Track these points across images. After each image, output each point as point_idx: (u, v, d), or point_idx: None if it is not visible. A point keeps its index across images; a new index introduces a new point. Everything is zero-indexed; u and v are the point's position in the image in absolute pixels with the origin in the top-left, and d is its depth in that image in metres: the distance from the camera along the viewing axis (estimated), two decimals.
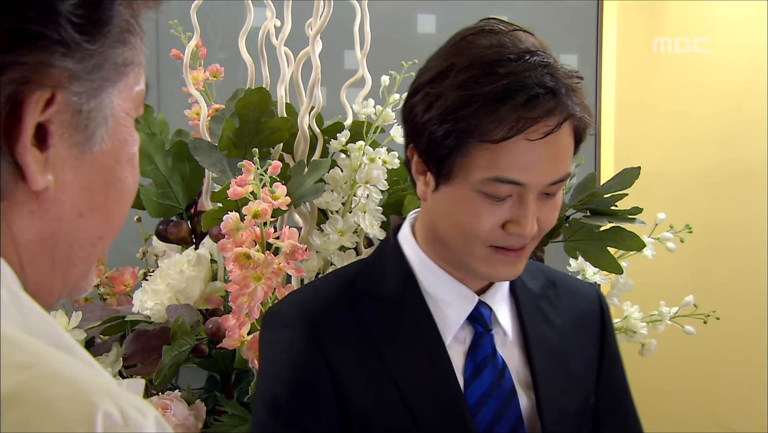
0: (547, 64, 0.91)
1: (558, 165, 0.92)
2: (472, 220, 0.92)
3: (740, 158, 2.16)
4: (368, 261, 1.07)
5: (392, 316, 0.99)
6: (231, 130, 1.29)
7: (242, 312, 1.15)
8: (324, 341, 0.96)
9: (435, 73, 0.93)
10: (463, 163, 0.91)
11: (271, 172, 1.09)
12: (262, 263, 1.14)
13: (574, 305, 1.11)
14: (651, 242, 1.51)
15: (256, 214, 1.08)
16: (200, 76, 1.47)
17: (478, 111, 0.88)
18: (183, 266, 1.31)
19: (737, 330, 2.14)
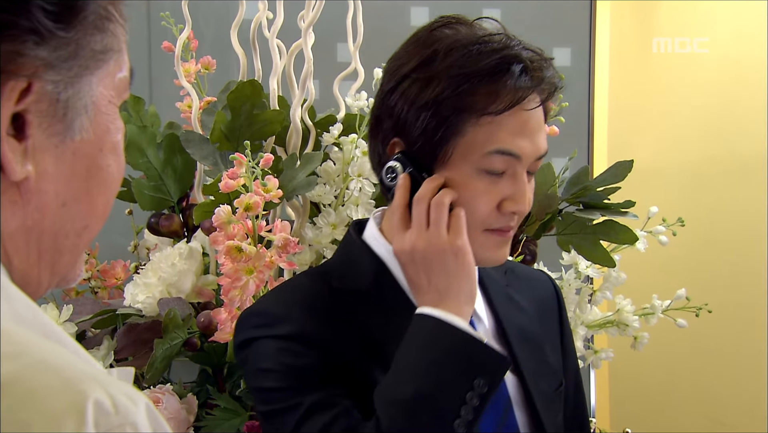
0: (520, 42, 0.95)
1: (543, 138, 0.96)
2: (471, 202, 0.93)
3: (734, 152, 2.17)
4: (334, 262, 1.05)
5: (374, 308, 0.98)
6: (223, 123, 1.28)
7: (234, 305, 1.15)
8: (320, 327, 0.94)
9: (419, 60, 0.94)
10: (460, 143, 0.92)
11: (263, 165, 1.08)
12: (254, 256, 1.13)
13: (533, 291, 1.14)
14: (644, 236, 1.50)
15: (247, 207, 1.08)
16: (192, 68, 1.46)
17: (477, 86, 0.91)
18: (175, 259, 1.31)
19: (733, 324, 2.15)
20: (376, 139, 0.99)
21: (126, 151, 1.35)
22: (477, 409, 0.86)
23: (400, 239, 0.94)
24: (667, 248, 1.55)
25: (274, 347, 0.93)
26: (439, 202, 0.92)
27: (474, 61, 0.91)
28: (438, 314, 0.90)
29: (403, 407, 0.86)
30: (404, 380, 0.88)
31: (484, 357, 0.89)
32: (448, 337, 0.89)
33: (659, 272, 2.20)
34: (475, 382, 0.86)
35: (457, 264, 0.92)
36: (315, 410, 0.90)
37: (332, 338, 0.93)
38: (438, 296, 0.91)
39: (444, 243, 0.92)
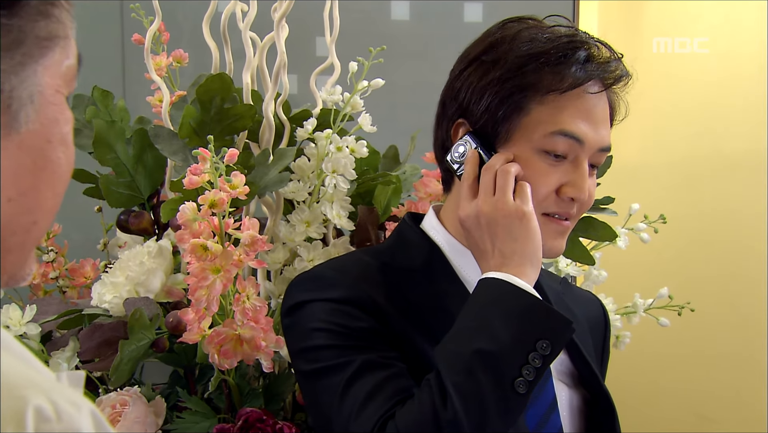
0: (589, 35, 0.99)
1: (606, 129, 0.99)
2: (530, 182, 0.95)
3: (734, 151, 2.17)
4: (387, 244, 1.09)
5: (424, 285, 1.00)
6: (192, 118, 1.25)
7: (200, 305, 1.12)
8: (373, 295, 0.95)
9: (486, 45, 0.99)
10: (523, 122, 0.96)
11: (227, 160, 1.05)
12: (221, 255, 1.10)
13: (585, 308, 1.17)
14: (625, 233, 1.48)
15: (212, 204, 1.05)
16: (163, 61, 1.43)
17: (542, 66, 0.95)
18: (143, 257, 1.27)
19: (721, 322, 2.16)
20: (440, 126, 1.03)
21: (94, 146, 1.34)
22: (539, 370, 0.86)
23: (467, 206, 0.97)
24: (655, 246, 1.54)
25: (327, 308, 0.94)
26: (505, 170, 0.95)
27: (540, 45, 0.96)
28: (502, 276, 0.91)
29: (464, 362, 0.85)
30: (466, 338, 0.88)
31: (547, 319, 0.89)
32: (511, 298, 0.89)
33: (646, 270, 2.20)
34: (538, 343, 0.86)
35: (521, 228, 0.93)
36: (368, 369, 0.90)
37: (384, 307, 0.95)
38: (503, 260, 0.92)
39: (510, 208, 0.93)
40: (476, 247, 0.96)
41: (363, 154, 1.37)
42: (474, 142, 0.99)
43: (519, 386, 0.85)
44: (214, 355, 1.16)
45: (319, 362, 0.92)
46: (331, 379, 0.91)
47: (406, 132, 1.59)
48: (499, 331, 0.87)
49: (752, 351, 2.12)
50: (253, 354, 1.17)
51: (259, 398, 1.30)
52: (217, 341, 1.15)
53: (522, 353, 0.86)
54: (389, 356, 0.91)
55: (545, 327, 0.88)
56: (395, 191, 1.56)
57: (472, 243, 0.97)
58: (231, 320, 1.17)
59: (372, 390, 0.88)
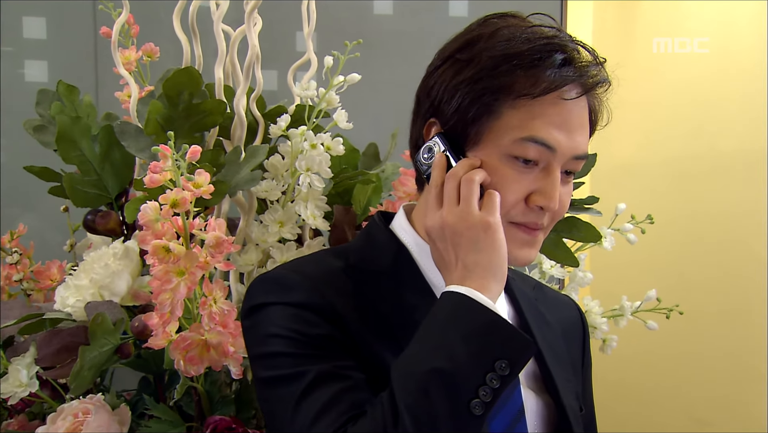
0: (572, 37, 0.94)
1: (583, 136, 0.94)
2: (498, 188, 0.91)
3: (720, 150, 2.16)
4: (355, 244, 1.04)
5: (390, 288, 0.96)
6: (158, 113, 1.20)
7: (165, 309, 1.06)
8: (335, 300, 0.91)
9: (463, 42, 0.94)
10: (494, 125, 0.91)
11: (190, 157, 1.00)
12: (185, 257, 1.05)
13: (559, 312, 1.12)
14: (610, 233, 1.43)
15: (174, 204, 0.99)
16: (132, 55, 1.37)
17: (516, 68, 0.90)
18: (108, 259, 1.22)
19: (715, 324, 2.14)
20: (415, 124, 1.00)
21: (57, 143, 1.28)
22: (497, 391, 0.82)
23: (432, 215, 0.93)
24: (651, 246, 1.51)
25: (286, 313, 0.90)
26: (469, 179, 0.91)
27: (516, 45, 0.91)
28: (463, 290, 0.87)
29: (418, 381, 0.81)
30: (423, 355, 0.83)
31: (507, 338, 0.84)
32: (471, 314, 0.85)
33: (642, 270, 2.18)
34: (496, 364, 0.82)
35: (486, 240, 0.89)
36: (323, 381, 0.86)
37: (345, 312, 0.91)
38: (465, 272, 0.88)
39: (474, 218, 0.89)
40: (441, 258, 0.92)
41: (339, 151, 1.32)
42: (443, 145, 0.95)
43: (475, 408, 0.81)
44: (179, 361, 1.11)
45: (275, 369, 0.88)
46: (286, 389, 0.87)
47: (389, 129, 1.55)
48: (456, 349, 0.82)
49: (748, 353, 2.09)
50: (220, 360, 1.12)
51: (231, 405, 1.25)
52: (183, 347, 1.10)
53: (479, 374, 0.81)
54: (346, 366, 0.87)
55: (505, 347, 0.83)
56: (375, 190, 1.51)
57: (438, 256, 0.92)
58: (198, 325, 1.12)
59: (326, 404, 0.84)
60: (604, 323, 1.51)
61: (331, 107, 1.33)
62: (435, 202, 0.93)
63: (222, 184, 1.23)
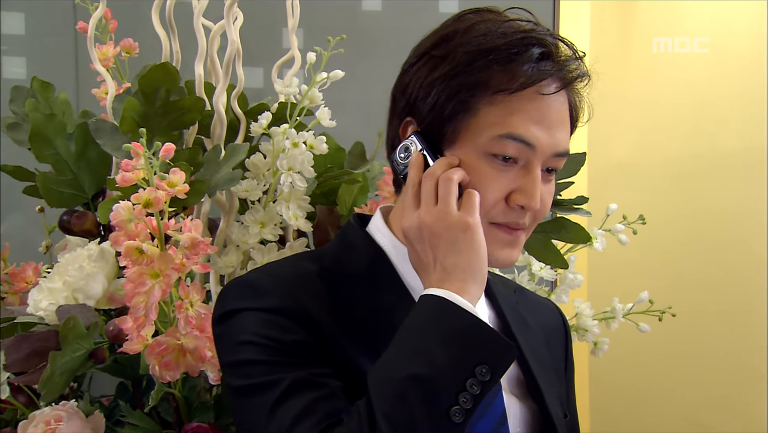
0: (550, 31, 0.91)
1: (563, 133, 0.91)
2: (477, 188, 0.88)
3: (720, 150, 2.17)
4: (330, 246, 1.00)
5: (366, 292, 0.93)
6: (134, 111, 1.16)
7: (138, 313, 1.03)
8: (309, 305, 0.88)
9: (438, 38, 0.92)
10: (471, 123, 0.88)
11: (163, 155, 0.96)
12: (159, 258, 1.01)
13: (541, 316, 1.09)
14: (601, 234, 1.40)
15: (147, 204, 0.96)
16: (110, 51, 1.34)
17: (492, 63, 0.87)
18: (83, 261, 1.19)
19: (712, 325, 2.13)
20: (391, 123, 0.97)
21: (30, 141, 1.24)
22: (477, 398, 0.79)
23: (409, 216, 0.90)
24: (647, 247, 1.48)
25: (258, 319, 0.87)
26: (447, 178, 0.88)
27: (492, 39, 0.88)
28: (442, 293, 0.83)
29: (396, 388, 0.78)
30: (400, 361, 0.80)
31: (488, 342, 0.81)
32: (450, 317, 0.82)
33: (638, 271, 2.17)
34: (477, 369, 0.79)
35: (465, 241, 0.85)
36: (297, 389, 0.83)
37: (320, 317, 0.88)
38: (444, 274, 0.85)
39: (452, 219, 0.86)
40: (419, 260, 0.89)
41: (322, 150, 1.29)
42: (420, 144, 0.92)
43: (455, 415, 0.78)
44: (154, 367, 1.08)
45: (248, 378, 0.85)
46: (259, 398, 0.83)
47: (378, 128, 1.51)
48: (434, 355, 0.79)
49: (748, 353, 2.07)
50: (197, 365, 1.09)
51: (209, 411, 1.21)
52: (158, 352, 1.07)
53: (459, 379, 0.78)
54: (321, 373, 0.84)
55: (485, 351, 0.80)
56: (361, 190, 1.48)
57: (415, 258, 0.89)
58: (174, 329, 1.08)
59: (300, 413, 0.80)
60: (595, 325, 1.48)
61: (314, 105, 1.29)
62: (412, 202, 0.90)
63: (200, 184, 1.19)
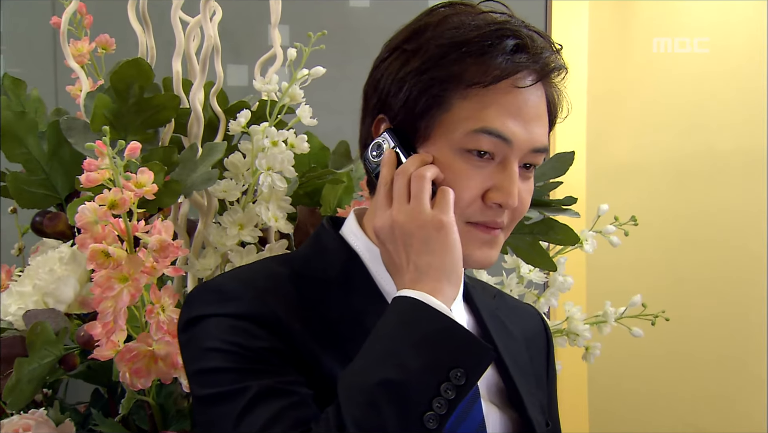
0: (525, 23, 0.88)
1: (541, 128, 0.88)
2: (452, 186, 0.85)
3: (719, 150, 2.16)
4: (301, 250, 0.98)
5: (339, 297, 0.89)
6: (106, 108, 1.12)
7: (107, 318, 0.99)
8: (278, 310, 0.84)
9: (409, 32, 0.89)
10: (444, 118, 0.86)
11: (128, 154, 0.92)
12: (128, 262, 0.97)
13: (522, 322, 1.06)
14: (592, 236, 1.36)
15: (112, 205, 0.92)
16: (85, 47, 1.29)
17: (465, 56, 0.85)
18: (54, 264, 1.15)
19: (711, 328, 2.09)
20: (364, 121, 0.94)
21: (1, 140, 1.20)
22: (452, 402, 0.76)
23: (381, 216, 0.87)
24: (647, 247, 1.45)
25: (225, 325, 0.83)
26: (419, 175, 0.85)
27: (465, 32, 0.85)
28: (415, 294, 0.80)
29: (367, 394, 0.75)
30: (372, 366, 0.77)
31: (463, 345, 0.78)
32: (423, 319, 0.79)
33: (636, 272, 2.15)
34: (451, 373, 0.76)
35: (439, 240, 0.82)
36: (265, 397, 0.79)
37: (290, 323, 0.84)
38: (417, 275, 0.82)
39: (425, 217, 0.83)
40: (391, 261, 0.86)
41: (304, 149, 1.24)
42: (392, 141, 0.88)
43: (429, 421, 0.74)
44: (125, 374, 1.04)
45: (214, 386, 0.81)
46: (225, 407, 0.80)
47: None
48: (407, 358, 0.76)
49: (747, 355, 2.04)
50: (169, 372, 1.05)
51: (185, 419, 1.17)
52: (128, 358, 1.03)
53: (433, 384, 0.75)
54: (290, 381, 0.81)
55: (460, 354, 0.77)
56: (346, 191, 1.44)
57: (388, 258, 0.87)
58: (146, 334, 1.05)
59: (267, 422, 0.77)
60: (586, 330, 1.44)
61: (294, 102, 1.25)
62: (384, 201, 0.87)
63: (176, 184, 1.15)
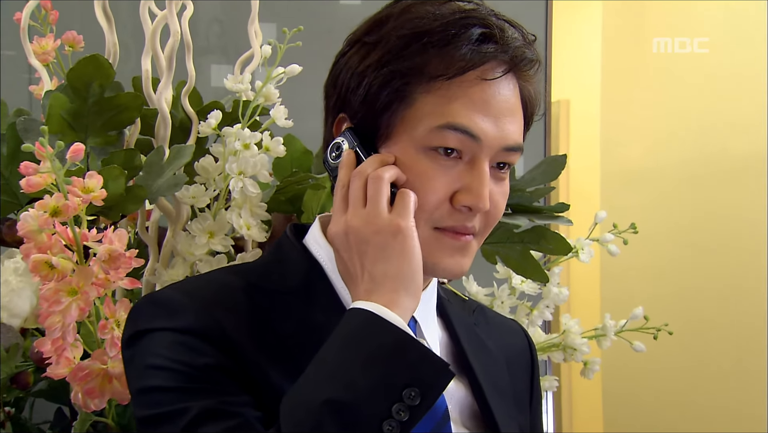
0: (494, 12, 0.83)
1: (514, 125, 0.82)
2: (417, 188, 0.79)
3: (719, 150, 2.15)
4: (260, 260, 0.93)
5: (297, 310, 0.83)
6: (63, 108, 1.05)
7: (54, 334, 0.92)
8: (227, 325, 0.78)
9: (370, 24, 0.84)
10: (407, 114, 0.80)
11: (71, 157, 0.85)
12: (78, 274, 0.90)
13: (503, 339, 1.00)
14: (588, 244, 1.28)
15: (55, 212, 0.84)
16: (49, 44, 1.22)
17: (427, 46, 0.79)
18: (8, 275, 1.08)
19: (728, 335, 2.07)
20: (326, 121, 0.89)
21: None
22: (405, 425, 0.71)
23: (336, 221, 0.81)
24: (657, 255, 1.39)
25: (168, 340, 0.78)
26: (376, 177, 0.79)
27: (429, 22, 0.80)
28: (368, 306, 0.75)
29: (311, 414, 0.70)
30: (317, 384, 0.72)
31: (418, 361, 0.72)
32: (376, 334, 0.73)
33: (652, 277, 2.11)
34: (404, 392, 0.70)
35: (396, 246, 0.77)
36: (206, 419, 0.74)
37: (240, 339, 0.78)
38: (372, 285, 0.77)
39: (382, 222, 0.77)
40: (346, 271, 0.80)
41: (279, 153, 1.17)
42: (352, 141, 0.82)
43: None
44: (77, 394, 0.96)
45: (154, 407, 0.76)
46: (164, 428, 0.74)
47: None
48: (356, 376, 0.70)
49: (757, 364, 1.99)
50: (125, 393, 0.97)
51: None
52: (80, 378, 0.95)
53: (384, 405, 0.69)
54: (235, 401, 0.75)
55: (415, 372, 0.71)
56: (329, 197, 1.36)
57: (342, 267, 0.81)
58: (102, 351, 0.97)
59: None
60: (584, 344, 1.36)
61: (269, 103, 1.18)
62: (341, 205, 0.81)
63: (140, 189, 1.08)
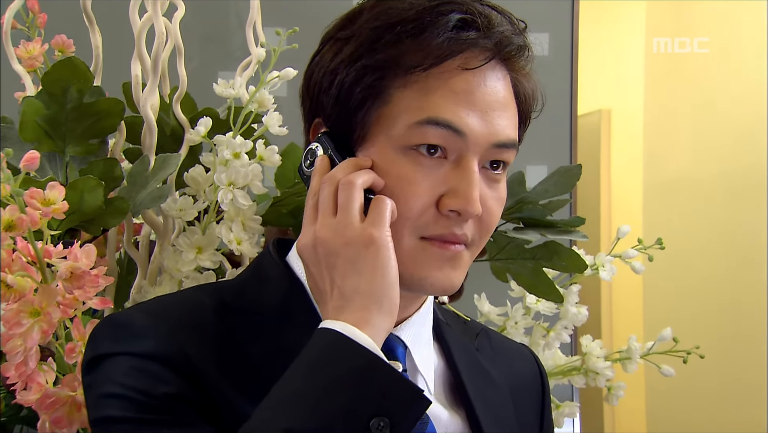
0: (482, 1, 0.76)
1: (505, 119, 0.75)
2: (398, 193, 0.73)
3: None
4: (237, 278, 0.86)
5: (272, 333, 0.77)
6: (39, 115, 0.99)
7: (16, 359, 0.85)
8: (193, 349, 0.73)
9: (343, 19, 0.79)
10: (383, 112, 0.74)
11: (24, 166, 0.78)
12: (42, 293, 0.83)
13: (509, 366, 0.92)
14: (610, 261, 1.18)
15: (9, 226, 0.78)
16: (36, 49, 1.16)
17: (401, 36, 0.73)
18: None
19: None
20: (304, 128, 0.83)
21: None
22: None
23: (305, 233, 0.75)
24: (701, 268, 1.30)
25: (127, 366, 0.72)
26: (348, 182, 0.72)
27: (403, 11, 0.74)
28: (336, 325, 0.68)
29: None
30: (279, 410, 0.66)
31: (388, 388, 0.66)
32: (343, 357, 0.67)
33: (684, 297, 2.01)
34: (372, 422, 0.64)
35: (368, 259, 0.70)
36: None
37: (204, 365, 0.73)
38: (341, 302, 0.70)
39: (353, 232, 0.71)
40: (315, 286, 0.73)
41: (274, 162, 1.09)
42: (327, 146, 0.76)
43: None
44: (44, 423, 0.89)
45: None
46: None
47: None
48: (320, 403, 0.64)
49: None
50: None
51: None
52: (47, 405, 0.88)
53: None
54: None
55: (384, 399, 0.64)
56: None
57: (312, 283, 0.74)
58: (72, 377, 0.90)
59: None
60: (607, 367, 1.26)
61: (263, 109, 1.11)
62: (311, 215, 0.74)
63: (121, 202, 1.01)
